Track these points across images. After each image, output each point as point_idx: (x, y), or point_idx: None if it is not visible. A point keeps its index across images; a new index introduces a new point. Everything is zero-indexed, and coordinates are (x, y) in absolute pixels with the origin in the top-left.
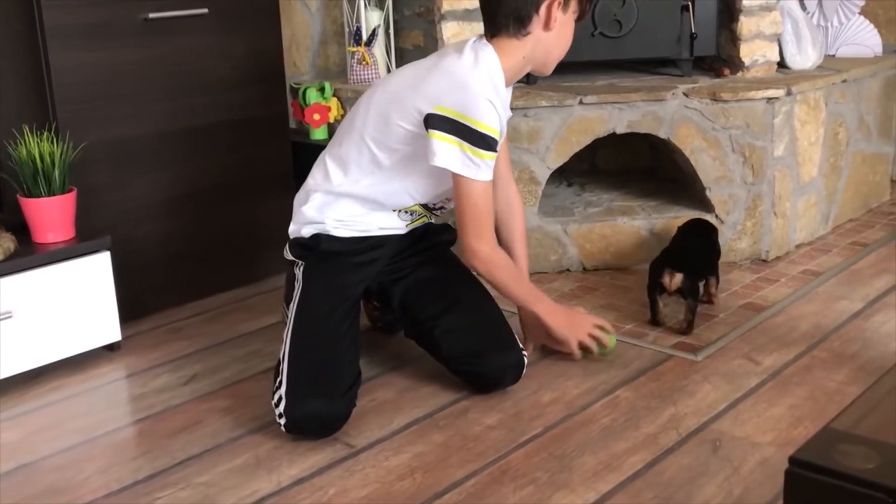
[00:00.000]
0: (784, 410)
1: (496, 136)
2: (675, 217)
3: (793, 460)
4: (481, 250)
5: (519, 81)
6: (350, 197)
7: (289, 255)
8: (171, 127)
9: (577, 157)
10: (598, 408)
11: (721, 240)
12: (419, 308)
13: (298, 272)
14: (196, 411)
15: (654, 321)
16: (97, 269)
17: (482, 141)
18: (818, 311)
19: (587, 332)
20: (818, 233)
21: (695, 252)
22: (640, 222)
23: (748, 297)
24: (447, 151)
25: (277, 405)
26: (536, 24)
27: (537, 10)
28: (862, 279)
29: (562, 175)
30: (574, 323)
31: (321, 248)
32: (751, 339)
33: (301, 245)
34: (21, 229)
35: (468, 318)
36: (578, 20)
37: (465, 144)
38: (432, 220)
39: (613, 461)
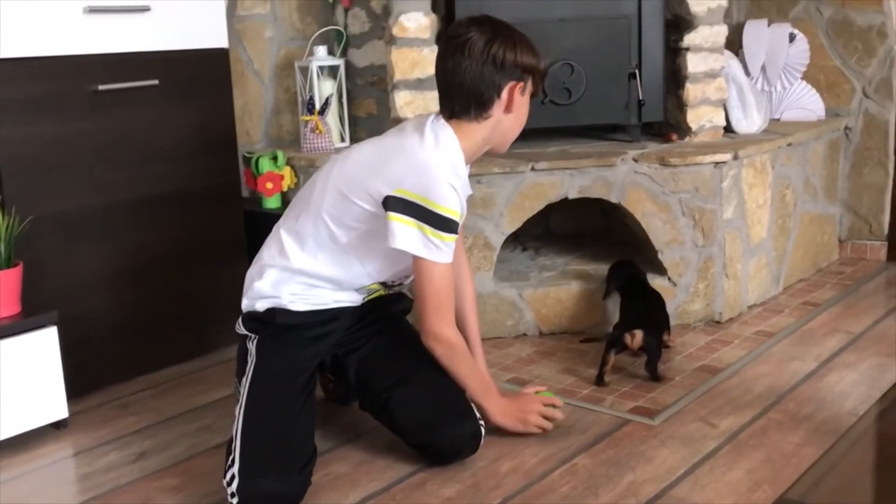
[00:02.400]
0: (742, 474)
1: (457, 219)
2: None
3: None
4: (443, 334)
5: None
6: (306, 273)
7: (241, 329)
8: (121, 198)
9: (531, 222)
10: (557, 476)
11: (674, 302)
12: (374, 379)
13: (252, 346)
14: (145, 490)
15: (600, 381)
16: (43, 345)
17: (443, 224)
18: (772, 373)
19: (537, 417)
20: (770, 293)
21: (646, 308)
22: (594, 286)
23: (703, 359)
24: (407, 234)
25: (230, 484)
26: (497, 108)
27: (499, 94)
28: (814, 339)
29: (517, 239)
30: (522, 415)
31: (276, 322)
32: (707, 401)
33: (255, 319)
34: None
35: (422, 390)
36: (532, 97)
37: (426, 227)
38: (389, 294)
39: None
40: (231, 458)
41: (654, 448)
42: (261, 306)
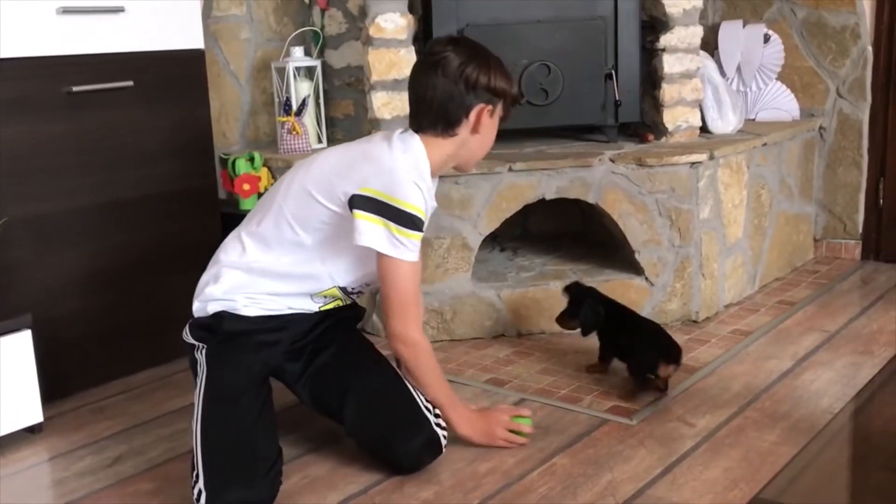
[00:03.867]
0: (719, 473)
1: (422, 217)
2: (607, 280)
3: None
4: (408, 335)
5: None
6: (266, 275)
7: (188, 338)
8: (96, 201)
9: (509, 223)
10: (536, 476)
11: (651, 301)
12: (325, 399)
13: (200, 356)
14: (121, 495)
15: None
16: (17, 349)
17: (408, 221)
18: (749, 371)
19: (503, 431)
20: (746, 293)
21: (660, 332)
22: None
23: None
24: (373, 231)
25: (198, 499)
26: (464, 128)
27: (467, 115)
28: (790, 338)
29: (495, 240)
30: (490, 428)
31: (223, 327)
32: (684, 401)
33: (202, 327)
34: None
35: (371, 404)
36: (502, 121)
37: (391, 224)
38: (345, 304)
39: None
40: (195, 472)
41: (632, 448)
42: (211, 308)
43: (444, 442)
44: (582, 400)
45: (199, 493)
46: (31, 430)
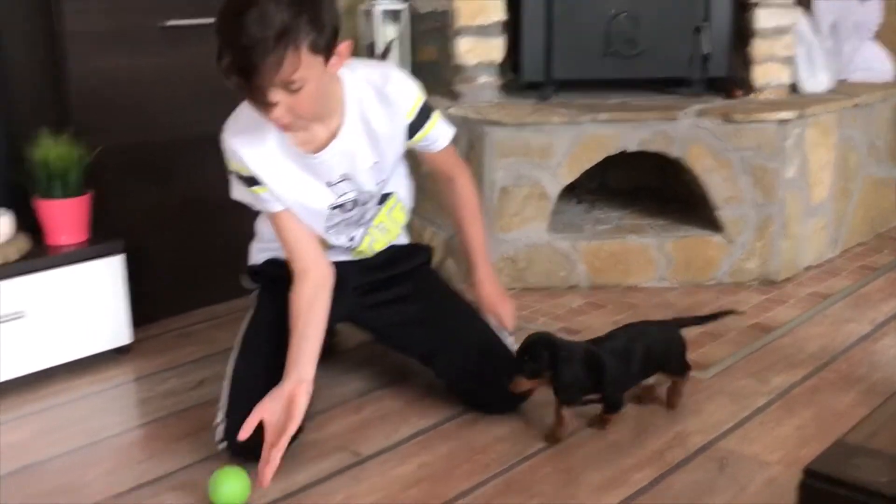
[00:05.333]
0: (791, 430)
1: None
2: (684, 236)
3: (808, 472)
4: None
5: (533, 97)
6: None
7: (245, 283)
8: (188, 134)
9: (588, 175)
10: None
11: (729, 260)
12: (410, 345)
13: (253, 297)
14: (203, 416)
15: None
16: (109, 273)
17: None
18: (826, 334)
19: (511, 316)
20: (826, 256)
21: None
22: (649, 240)
23: (756, 317)
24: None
25: (216, 428)
26: None
27: None
28: (870, 303)
29: (572, 192)
30: (501, 305)
31: (273, 273)
32: (758, 359)
33: (255, 272)
34: (36, 230)
35: (461, 350)
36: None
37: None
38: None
39: (619, 476)
40: (220, 401)
41: (703, 401)
42: (261, 258)
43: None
44: None
45: (219, 422)
46: (120, 352)
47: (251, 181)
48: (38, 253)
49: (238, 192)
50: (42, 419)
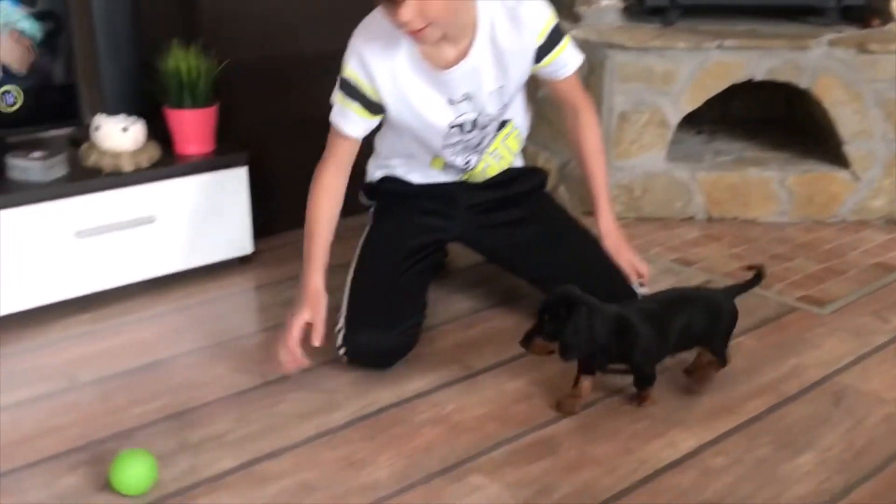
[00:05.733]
0: None
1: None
2: (807, 171)
3: None
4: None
5: (656, 22)
6: (390, 145)
7: (363, 200)
8: (311, 50)
9: (709, 105)
10: None
11: (854, 197)
12: (525, 271)
13: (371, 213)
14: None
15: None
16: (234, 183)
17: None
18: None
19: (629, 263)
20: None
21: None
22: (771, 173)
23: (880, 256)
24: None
25: (336, 336)
26: None
27: None
28: None
29: (692, 122)
30: (622, 249)
31: (391, 189)
32: (881, 297)
33: (372, 188)
34: (166, 140)
35: (578, 282)
36: None
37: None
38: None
39: (732, 404)
40: (340, 309)
41: (821, 336)
42: (378, 175)
43: None
44: (772, 286)
45: (339, 330)
46: (242, 261)
47: (354, 92)
48: (167, 161)
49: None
50: (169, 320)
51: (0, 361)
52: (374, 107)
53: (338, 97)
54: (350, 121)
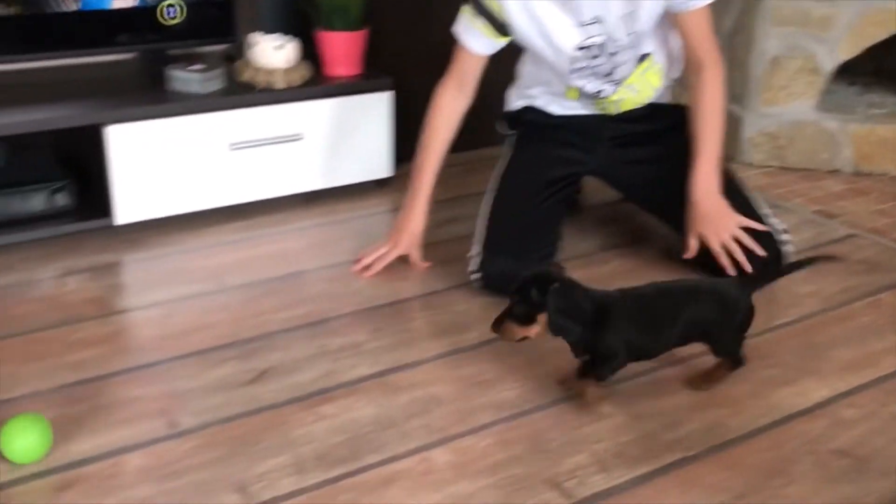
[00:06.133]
0: None
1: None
2: None
3: None
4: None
5: None
6: (527, 74)
7: (502, 129)
8: None
9: (864, 56)
10: (859, 307)
11: None
12: (662, 212)
13: (509, 143)
14: (451, 250)
15: None
16: (378, 107)
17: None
18: None
19: (730, 240)
20: None
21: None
22: None
23: None
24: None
25: (469, 261)
26: None
27: None
28: None
29: (844, 73)
30: (722, 222)
31: (532, 119)
32: None
33: (513, 117)
34: (316, 61)
35: None
36: None
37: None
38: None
39: (869, 358)
40: (476, 235)
41: None
42: (518, 104)
43: (789, 251)
44: None
45: (474, 256)
46: (379, 184)
47: (482, 9)
48: (317, 81)
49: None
50: (311, 234)
51: (157, 260)
52: (500, 26)
53: (466, 11)
54: (474, 37)
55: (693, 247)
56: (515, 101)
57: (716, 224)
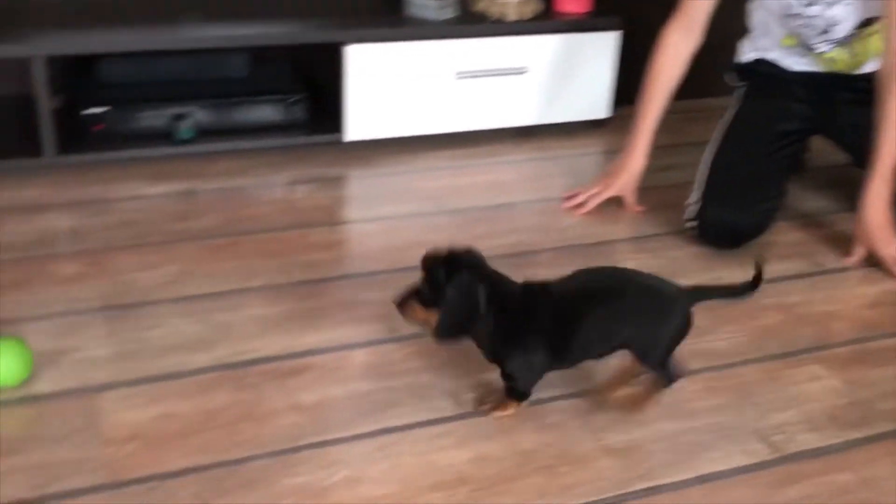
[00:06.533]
0: None
1: None
2: None
3: None
4: None
5: None
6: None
7: (731, 80)
8: None
9: None
10: None
11: None
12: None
13: (738, 94)
14: (664, 196)
15: None
16: (604, 46)
17: None
18: None
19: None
20: None
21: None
22: None
23: None
24: None
25: (686, 208)
26: None
27: None
28: None
29: None
30: (883, 232)
31: (765, 72)
32: None
33: (742, 70)
34: None
35: None
36: None
37: None
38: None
39: None
40: (695, 185)
41: None
42: (749, 57)
43: None
44: None
45: (692, 204)
46: (595, 124)
47: None
48: (547, 16)
49: None
50: (526, 167)
51: (380, 178)
52: None
53: None
54: None
55: (858, 255)
56: (748, 52)
57: (882, 239)
